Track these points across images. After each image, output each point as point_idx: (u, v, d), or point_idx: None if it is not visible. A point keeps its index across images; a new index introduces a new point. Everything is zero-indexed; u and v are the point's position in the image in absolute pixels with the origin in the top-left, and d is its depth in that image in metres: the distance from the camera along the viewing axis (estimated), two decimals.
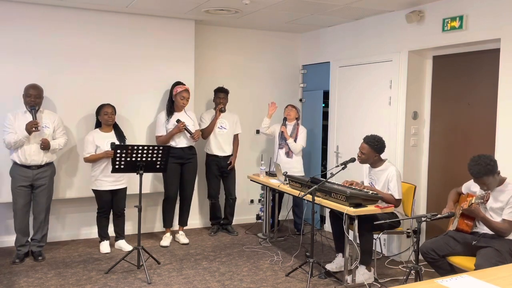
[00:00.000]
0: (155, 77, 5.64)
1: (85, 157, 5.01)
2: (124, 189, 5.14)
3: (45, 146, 4.68)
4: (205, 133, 5.75)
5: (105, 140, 4.97)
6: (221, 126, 5.80)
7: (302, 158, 5.88)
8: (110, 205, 5.14)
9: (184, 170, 5.47)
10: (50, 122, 4.80)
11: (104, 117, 5.01)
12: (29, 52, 5.08)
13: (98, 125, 5.11)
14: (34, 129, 4.55)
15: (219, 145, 5.81)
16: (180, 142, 5.36)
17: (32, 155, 4.66)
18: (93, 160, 4.98)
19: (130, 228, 5.62)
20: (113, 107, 5.08)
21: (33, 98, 4.65)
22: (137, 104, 5.56)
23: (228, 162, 5.88)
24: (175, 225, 5.77)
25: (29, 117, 4.64)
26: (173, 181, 5.42)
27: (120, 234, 5.26)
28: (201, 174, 6.06)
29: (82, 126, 5.33)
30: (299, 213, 5.91)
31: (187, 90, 5.38)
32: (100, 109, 5.05)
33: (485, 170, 3.54)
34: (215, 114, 5.74)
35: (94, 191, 5.07)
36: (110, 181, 5.01)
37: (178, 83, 5.45)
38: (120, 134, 5.12)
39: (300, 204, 5.86)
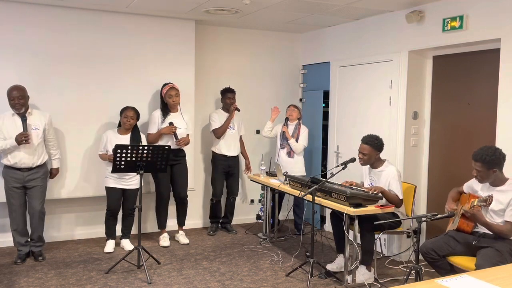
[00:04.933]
0: (155, 77, 5.63)
1: (99, 154, 5.13)
2: (135, 190, 5.09)
3: (55, 175, 4.97)
4: (219, 132, 5.75)
5: (118, 141, 4.94)
6: (230, 127, 5.81)
7: (303, 158, 5.88)
8: (118, 204, 5.14)
9: (174, 171, 5.45)
10: (40, 123, 4.73)
11: (123, 120, 5.02)
12: (28, 52, 5.07)
13: (120, 125, 5.13)
14: (24, 141, 4.50)
15: (228, 145, 5.83)
16: (168, 144, 5.29)
17: (22, 158, 4.61)
18: (102, 159, 5.07)
19: None
20: (136, 111, 5.07)
21: (17, 100, 4.54)
22: (137, 104, 5.52)
23: (245, 170, 6.10)
24: (174, 226, 5.76)
25: (17, 120, 4.57)
26: (163, 181, 5.41)
27: (125, 234, 5.27)
28: (208, 173, 6.06)
29: (80, 128, 5.32)
30: (300, 213, 5.91)
31: (173, 88, 5.34)
32: (122, 111, 5.06)
33: (481, 157, 3.57)
34: (230, 114, 5.75)
35: (106, 188, 5.11)
36: (115, 179, 5.01)
37: (166, 84, 5.43)
38: (135, 138, 5.08)
39: (300, 204, 5.86)
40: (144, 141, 5.17)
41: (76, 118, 5.31)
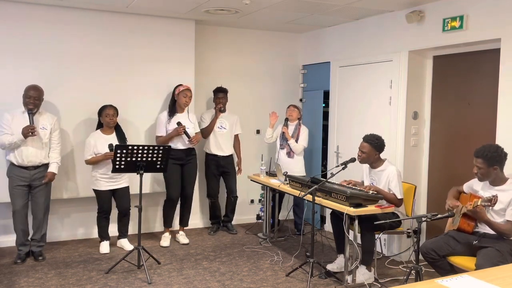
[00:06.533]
0: (155, 77, 5.64)
1: (86, 159, 5.01)
2: (126, 188, 5.13)
3: (51, 180, 4.80)
4: (205, 132, 5.78)
5: (106, 142, 4.95)
6: (220, 126, 5.81)
7: (303, 158, 5.87)
8: (110, 205, 5.14)
9: (184, 171, 5.47)
10: (48, 124, 4.78)
11: (106, 119, 5.00)
12: (28, 52, 5.08)
13: (100, 126, 5.10)
14: (30, 133, 4.52)
15: (218, 145, 5.82)
16: (179, 144, 5.36)
17: (29, 156, 4.64)
18: (94, 162, 4.98)
19: (130, 228, 5.60)
20: (115, 109, 5.07)
21: (33, 100, 4.61)
22: (137, 104, 5.56)
23: (237, 169, 6.04)
24: (175, 225, 5.77)
25: (27, 118, 4.61)
26: (174, 182, 5.43)
27: (123, 233, 5.27)
28: (201, 173, 6.07)
29: (82, 128, 5.33)
30: (300, 213, 5.91)
31: (189, 89, 5.41)
32: (102, 111, 5.04)
33: (483, 153, 3.60)
34: (215, 114, 5.76)
35: (94, 191, 5.08)
36: (109, 181, 5.01)
37: (180, 84, 5.46)
38: (121, 136, 5.10)
39: (300, 204, 5.86)
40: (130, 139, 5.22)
41: (76, 118, 5.32)
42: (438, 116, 5.04)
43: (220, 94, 5.83)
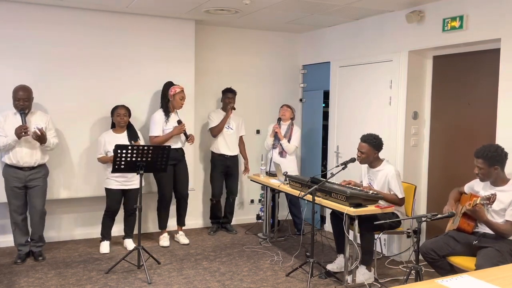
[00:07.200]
0: (155, 77, 5.63)
1: (97, 158, 5.08)
2: (137, 190, 5.08)
3: (41, 137, 4.55)
4: (215, 130, 5.80)
5: (116, 141, 4.92)
6: (228, 126, 5.85)
7: (301, 158, 5.88)
8: (118, 206, 5.15)
9: (176, 171, 5.46)
10: (42, 123, 4.73)
11: (117, 119, 5.04)
12: (28, 52, 5.07)
13: (114, 125, 5.14)
14: (23, 133, 4.50)
15: (226, 145, 5.86)
16: (175, 143, 5.34)
17: (24, 157, 4.62)
18: (104, 161, 5.04)
19: None
20: (127, 109, 5.09)
21: (22, 101, 4.56)
22: (137, 104, 5.54)
23: (244, 171, 6.09)
24: (173, 226, 5.76)
25: (19, 119, 4.57)
26: (168, 182, 5.41)
27: (128, 233, 5.28)
28: (206, 173, 6.06)
29: (81, 128, 5.33)
30: (297, 213, 5.92)
31: (183, 90, 5.39)
32: (113, 110, 5.08)
33: (483, 153, 3.61)
34: (226, 113, 5.79)
35: (106, 189, 5.10)
36: (120, 181, 5.01)
37: (172, 83, 5.43)
38: (133, 135, 5.11)
39: (297, 204, 5.86)
40: (141, 136, 5.20)
41: (76, 118, 5.31)
42: (438, 116, 5.04)
43: (229, 94, 5.87)
